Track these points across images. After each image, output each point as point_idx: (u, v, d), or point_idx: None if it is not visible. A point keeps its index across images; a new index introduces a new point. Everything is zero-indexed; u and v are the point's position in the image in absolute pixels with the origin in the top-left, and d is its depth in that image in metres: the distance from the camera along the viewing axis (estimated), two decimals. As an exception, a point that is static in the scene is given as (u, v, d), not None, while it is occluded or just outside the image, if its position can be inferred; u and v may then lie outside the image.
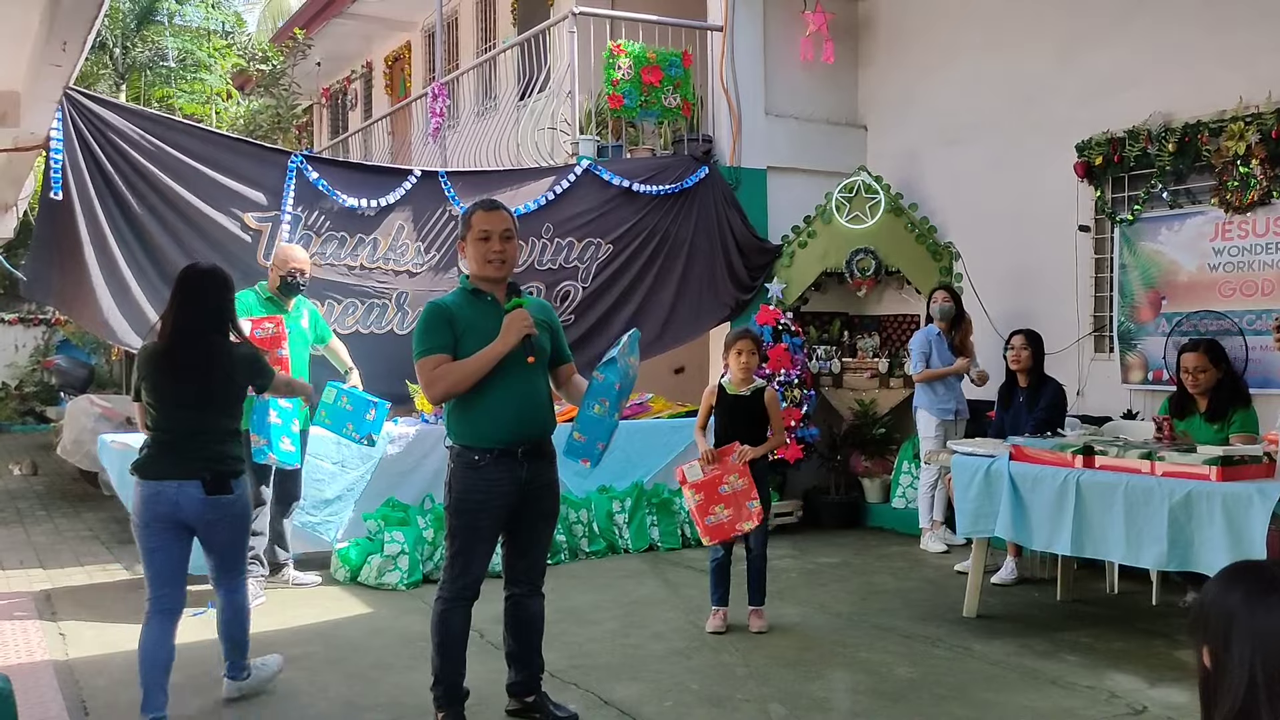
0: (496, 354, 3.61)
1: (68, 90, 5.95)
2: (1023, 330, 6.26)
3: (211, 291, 3.97)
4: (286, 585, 6.00)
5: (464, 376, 3.61)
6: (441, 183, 7.33)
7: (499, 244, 3.71)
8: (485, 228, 3.71)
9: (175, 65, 15.76)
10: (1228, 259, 6.41)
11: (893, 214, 7.92)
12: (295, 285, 5.82)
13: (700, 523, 5.05)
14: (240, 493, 3.91)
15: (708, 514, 5.01)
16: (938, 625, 5.20)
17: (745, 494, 5.01)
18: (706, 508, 5.01)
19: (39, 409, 17.93)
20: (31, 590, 6.09)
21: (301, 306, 6.01)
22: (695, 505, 5.03)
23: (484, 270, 3.73)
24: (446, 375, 3.63)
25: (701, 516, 5.03)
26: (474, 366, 3.61)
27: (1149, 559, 4.45)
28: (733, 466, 5.02)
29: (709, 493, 5.01)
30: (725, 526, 5.01)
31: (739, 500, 5.00)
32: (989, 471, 5.05)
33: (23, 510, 9.23)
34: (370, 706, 4.12)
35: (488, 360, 3.60)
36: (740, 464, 5.02)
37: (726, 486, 5.01)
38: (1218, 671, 1.49)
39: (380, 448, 6.60)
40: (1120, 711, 4.01)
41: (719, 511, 5.00)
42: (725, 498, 5.00)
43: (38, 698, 4.14)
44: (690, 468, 5.06)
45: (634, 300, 7.90)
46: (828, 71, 8.67)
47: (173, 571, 3.82)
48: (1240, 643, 1.46)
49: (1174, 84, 6.65)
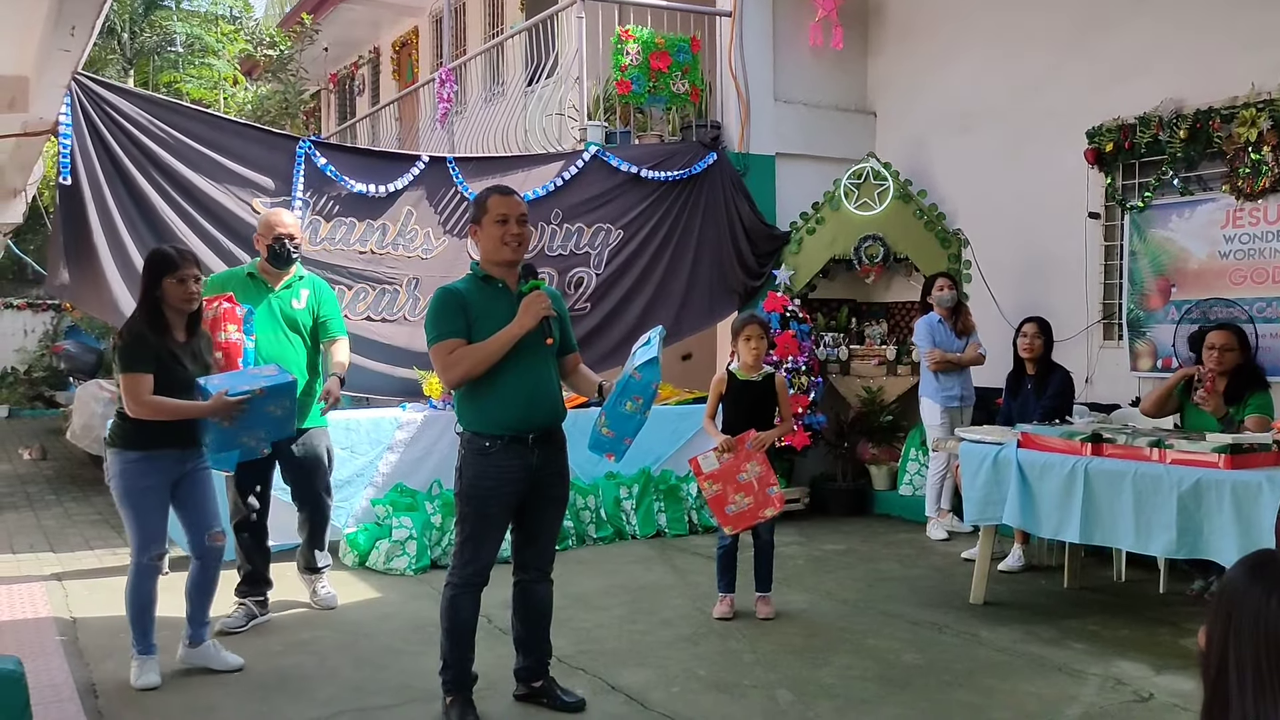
0: (513, 336, 3.61)
1: (76, 75, 5.95)
2: (1035, 318, 6.25)
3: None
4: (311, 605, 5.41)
5: (482, 359, 3.62)
6: (450, 168, 7.32)
7: (516, 227, 3.72)
8: (503, 211, 3.71)
9: (183, 50, 15.77)
10: (1238, 246, 6.38)
11: (901, 201, 7.90)
12: (286, 253, 5.05)
13: (720, 513, 5.02)
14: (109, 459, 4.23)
15: (728, 503, 5.00)
16: (944, 612, 5.21)
17: (765, 480, 5.01)
18: (726, 497, 4.99)
19: (48, 394, 17.99)
20: (42, 574, 6.13)
21: (301, 285, 5.17)
22: (713, 495, 5.02)
23: (500, 253, 3.73)
24: (464, 359, 3.63)
25: (721, 506, 5.01)
26: (492, 349, 3.61)
27: (1158, 547, 4.45)
28: (749, 454, 5.02)
29: (727, 481, 4.99)
30: (748, 514, 5.00)
31: (760, 487, 5.00)
32: (997, 459, 5.05)
33: (32, 495, 9.28)
34: (379, 690, 4.14)
35: (505, 342, 3.61)
36: (757, 450, 5.02)
37: (745, 474, 5.00)
38: (1207, 651, 1.54)
39: (389, 433, 6.63)
40: (1126, 698, 4.01)
41: (739, 500, 5.00)
42: (745, 485, 4.99)
43: (49, 679, 4.17)
44: (705, 458, 5.04)
45: (648, 288, 7.89)
46: (837, 57, 8.64)
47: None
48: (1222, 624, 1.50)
49: (1185, 70, 6.61)
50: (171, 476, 4.19)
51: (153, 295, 4.12)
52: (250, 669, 4.37)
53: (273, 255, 5.07)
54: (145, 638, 4.19)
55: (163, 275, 4.11)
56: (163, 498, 4.17)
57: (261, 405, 4.20)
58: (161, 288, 4.11)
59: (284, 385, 4.32)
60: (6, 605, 5.39)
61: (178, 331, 4.19)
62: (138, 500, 4.11)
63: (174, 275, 4.11)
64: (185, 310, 4.19)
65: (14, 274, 19.87)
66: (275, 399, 4.28)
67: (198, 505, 4.29)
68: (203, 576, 4.33)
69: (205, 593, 4.35)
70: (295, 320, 5.08)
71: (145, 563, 4.14)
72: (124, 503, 4.15)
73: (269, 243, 5.05)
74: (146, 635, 4.19)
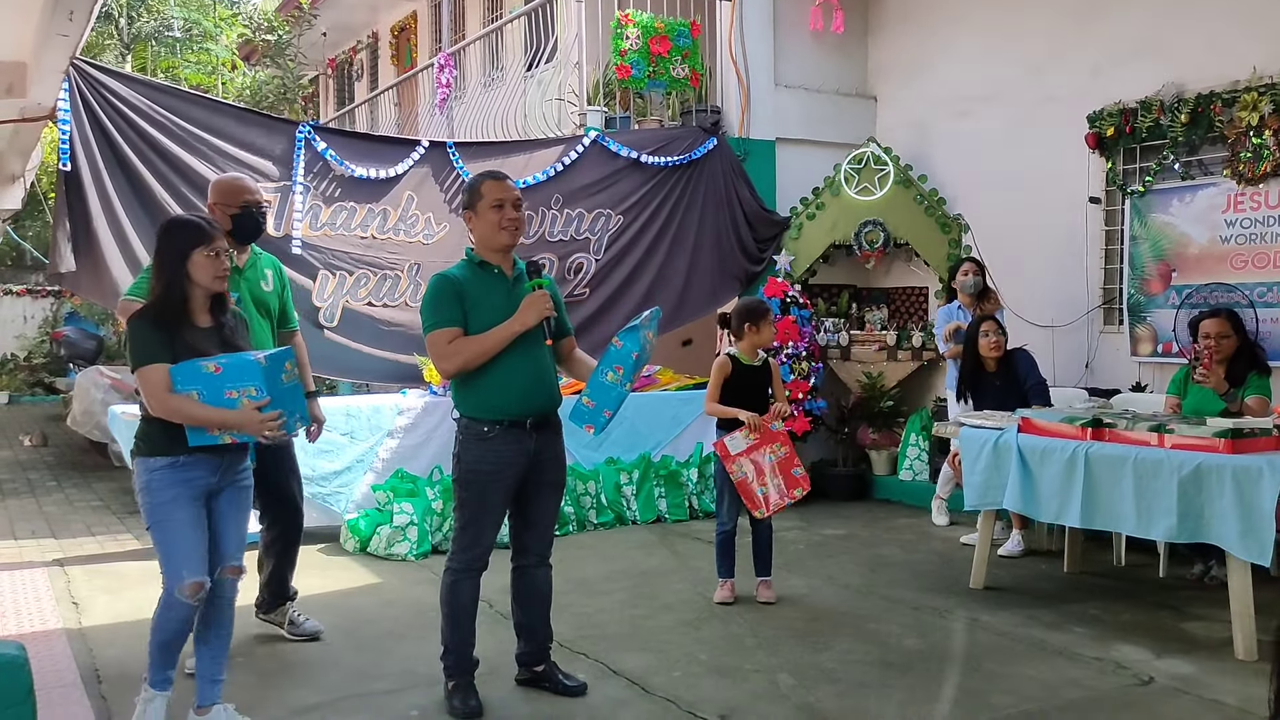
0: (513, 332, 3.61)
1: (74, 61, 5.93)
2: (992, 317, 6.15)
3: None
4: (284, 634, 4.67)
5: (479, 353, 3.62)
6: (450, 153, 7.31)
7: (513, 211, 3.71)
8: (499, 196, 3.70)
9: (181, 36, 15.70)
10: (1239, 231, 6.37)
11: (902, 186, 7.88)
12: (256, 224, 4.39)
13: (750, 497, 5.02)
14: (136, 470, 3.47)
15: (759, 486, 5.02)
16: (945, 597, 5.22)
17: (789, 462, 5.05)
18: (754, 480, 5.01)
19: (48, 380, 18.00)
20: (44, 560, 6.14)
21: (263, 264, 4.50)
22: (741, 479, 5.02)
23: (497, 239, 3.72)
24: (461, 351, 3.63)
25: (751, 490, 5.02)
26: (490, 344, 3.61)
27: (1159, 531, 4.45)
28: (773, 435, 5.03)
29: (754, 466, 5.01)
30: (779, 496, 5.03)
31: (785, 468, 5.03)
32: (997, 444, 5.06)
33: (34, 481, 9.29)
34: (382, 675, 4.15)
35: (503, 338, 3.61)
36: (781, 431, 5.04)
37: (771, 456, 5.02)
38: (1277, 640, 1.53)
39: (389, 419, 6.63)
40: (1127, 682, 4.02)
41: (769, 482, 5.02)
42: (771, 468, 5.02)
43: (52, 665, 4.18)
44: (731, 439, 5.02)
45: (647, 274, 7.88)
46: (837, 42, 8.61)
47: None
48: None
49: (1187, 54, 6.59)
50: (208, 487, 3.48)
51: (178, 271, 3.43)
52: (252, 655, 4.38)
53: (239, 226, 4.30)
54: (163, 670, 3.49)
55: (193, 247, 3.42)
56: (197, 512, 3.44)
57: (278, 386, 3.42)
58: (190, 263, 3.42)
59: (278, 354, 3.49)
60: (9, 591, 5.40)
61: (200, 315, 3.50)
62: (166, 516, 3.40)
63: (208, 248, 3.42)
64: (216, 290, 3.50)
65: (13, 260, 19.85)
66: (277, 366, 3.44)
67: (227, 529, 3.56)
68: (213, 617, 3.55)
69: (218, 638, 3.58)
70: (266, 303, 4.44)
71: (178, 597, 3.38)
72: (152, 519, 3.43)
73: (234, 211, 4.29)
74: (166, 668, 3.50)
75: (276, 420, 3.36)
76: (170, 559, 3.39)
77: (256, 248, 4.49)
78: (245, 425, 3.33)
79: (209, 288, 3.47)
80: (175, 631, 3.43)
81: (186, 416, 3.32)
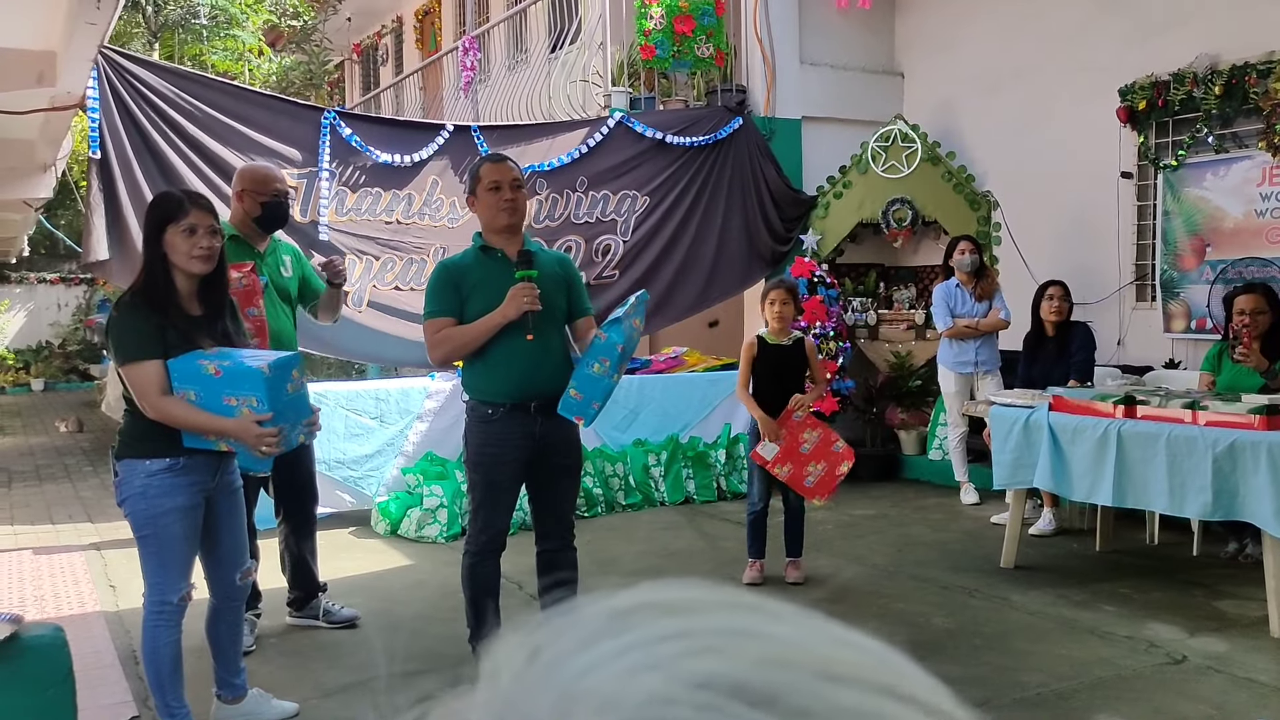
0: (495, 324, 3.60)
1: (103, 49, 5.97)
2: (1059, 281, 6.14)
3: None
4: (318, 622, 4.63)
5: (465, 343, 3.64)
6: (474, 137, 7.31)
7: (510, 192, 3.70)
8: (495, 178, 3.70)
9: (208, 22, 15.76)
10: (1275, 204, 6.27)
11: (930, 163, 7.81)
12: (283, 213, 4.37)
13: (802, 488, 5.03)
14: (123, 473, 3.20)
15: (805, 477, 5.01)
16: (975, 576, 5.20)
17: (827, 441, 5.03)
18: (800, 474, 5.01)
19: (82, 367, 18.24)
20: (81, 544, 6.23)
21: (283, 249, 4.49)
22: (787, 476, 5.02)
23: (496, 220, 3.72)
24: (448, 340, 3.66)
25: (800, 482, 5.02)
26: (474, 334, 3.62)
27: (1193, 509, 4.41)
28: (801, 424, 5.01)
29: (794, 459, 4.99)
30: (828, 478, 5.02)
31: (824, 451, 5.01)
32: (1028, 423, 5.02)
33: (70, 466, 9.42)
34: (411, 656, 4.18)
35: (487, 329, 3.61)
36: (806, 418, 5.02)
37: (806, 445, 5.00)
38: None
39: (418, 403, 6.67)
40: (1159, 661, 3.99)
41: (814, 469, 5.01)
42: (811, 455, 5.00)
43: (91, 647, 4.25)
44: (764, 448, 5.00)
45: (676, 255, 7.85)
46: (864, 18, 8.52)
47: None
48: None
49: (1221, 25, 6.47)
50: (205, 491, 3.22)
51: (155, 252, 3.10)
52: (283, 636, 4.44)
53: (269, 214, 4.27)
54: (172, 696, 3.24)
55: (166, 223, 3.09)
56: (194, 521, 3.20)
57: (281, 398, 3.13)
58: (164, 242, 3.09)
59: (284, 361, 3.19)
60: (48, 574, 5.49)
61: (190, 303, 3.16)
62: (165, 527, 3.13)
63: (178, 223, 3.08)
64: (197, 272, 3.13)
65: (46, 249, 20.07)
66: (283, 375, 3.17)
67: (230, 532, 3.35)
68: (231, 619, 3.44)
69: (235, 639, 3.47)
70: (287, 290, 4.40)
71: (167, 607, 3.18)
72: (148, 529, 3.15)
73: (264, 199, 4.24)
74: (174, 694, 3.25)
75: (275, 436, 3.09)
76: (166, 570, 3.18)
77: (283, 241, 4.52)
78: (242, 437, 3.08)
79: (185, 268, 3.11)
80: (171, 649, 3.22)
81: (180, 422, 3.06)
